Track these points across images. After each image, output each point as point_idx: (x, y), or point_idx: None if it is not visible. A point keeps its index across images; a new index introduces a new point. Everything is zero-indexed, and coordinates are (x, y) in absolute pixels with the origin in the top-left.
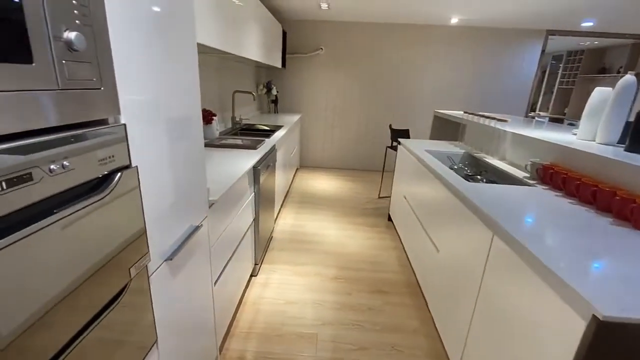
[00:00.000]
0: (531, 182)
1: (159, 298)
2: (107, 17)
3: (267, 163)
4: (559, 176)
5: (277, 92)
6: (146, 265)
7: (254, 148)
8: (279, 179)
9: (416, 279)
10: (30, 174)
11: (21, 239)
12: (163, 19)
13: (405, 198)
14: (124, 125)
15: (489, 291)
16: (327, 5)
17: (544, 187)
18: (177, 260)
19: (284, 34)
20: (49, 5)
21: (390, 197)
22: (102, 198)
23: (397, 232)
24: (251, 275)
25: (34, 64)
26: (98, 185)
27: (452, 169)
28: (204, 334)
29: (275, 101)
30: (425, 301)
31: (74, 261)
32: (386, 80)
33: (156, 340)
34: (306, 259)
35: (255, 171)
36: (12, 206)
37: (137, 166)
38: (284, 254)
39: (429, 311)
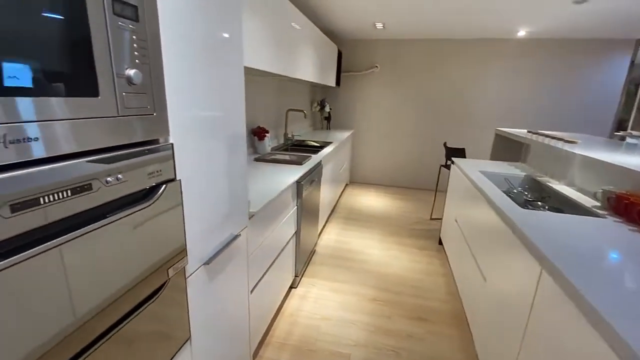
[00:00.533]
0: (601, 212)
1: (194, 299)
2: (162, 54)
3: (311, 178)
4: (636, 207)
5: (330, 109)
6: (184, 267)
7: (300, 164)
8: (325, 194)
9: (464, 310)
10: (90, 184)
11: (77, 237)
12: (211, 49)
13: (457, 221)
14: (172, 144)
15: (535, 332)
16: (382, 25)
17: (615, 219)
18: (214, 265)
19: (340, 53)
20: (114, 49)
21: (442, 219)
22: (148, 206)
23: (447, 258)
24: (291, 287)
25: (99, 97)
26: (146, 195)
27: (509, 192)
28: (238, 338)
29: (328, 118)
30: (472, 335)
31: (123, 258)
32: (442, 96)
33: (189, 337)
34: (346, 277)
35: (298, 186)
36: (75, 209)
37: (180, 179)
38: (324, 268)
39: (474, 347)
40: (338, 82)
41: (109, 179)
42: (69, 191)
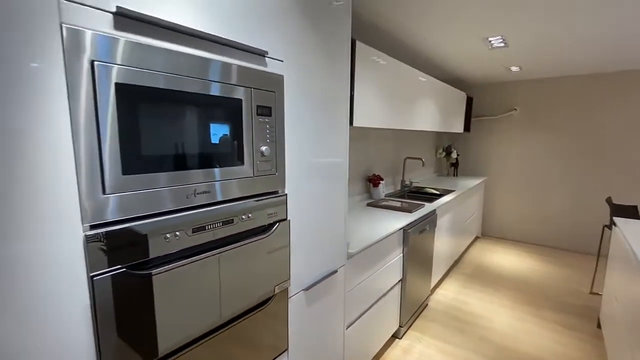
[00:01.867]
0: None
1: (294, 317)
2: (285, 133)
3: (421, 227)
4: None
5: (458, 155)
6: (287, 288)
7: (410, 211)
8: (442, 245)
9: None
10: (232, 219)
11: (223, 252)
12: (321, 119)
13: (616, 300)
14: (286, 194)
15: None
16: (518, 68)
17: None
18: (312, 292)
19: (470, 99)
20: (255, 135)
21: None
22: (266, 237)
23: (605, 347)
24: (394, 336)
25: (243, 165)
26: (265, 229)
27: None
28: None
29: (455, 164)
30: None
31: (248, 270)
32: (603, 141)
33: (287, 349)
34: (460, 340)
35: (405, 233)
36: (224, 234)
37: (290, 219)
38: (435, 326)
39: None
40: (468, 128)
41: (243, 217)
42: (220, 223)
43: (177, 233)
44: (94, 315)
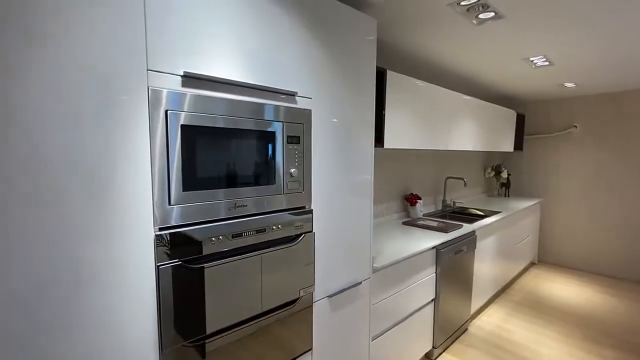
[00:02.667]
0: None
1: (318, 320)
2: (312, 157)
3: (457, 247)
4: None
5: (509, 174)
6: (311, 293)
7: (445, 231)
8: (485, 268)
9: None
10: (265, 229)
11: (256, 255)
12: (346, 141)
13: None
14: (312, 209)
15: None
16: (573, 84)
17: None
18: (336, 300)
19: (521, 117)
20: (285, 160)
21: None
22: (293, 246)
23: None
24: (427, 357)
25: (274, 184)
26: (292, 239)
27: None
28: None
29: (506, 184)
30: None
31: (277, 272)
32: None
33: (311, 349)
34: None
35: (438, 253)
36: (258, 240)
37: (314, 232)
38: (473, 352)
39: None
40: (520, 147)
41: (274, 227)
42: (255, 231)
43: (221, 237)
44: (158, 295)
